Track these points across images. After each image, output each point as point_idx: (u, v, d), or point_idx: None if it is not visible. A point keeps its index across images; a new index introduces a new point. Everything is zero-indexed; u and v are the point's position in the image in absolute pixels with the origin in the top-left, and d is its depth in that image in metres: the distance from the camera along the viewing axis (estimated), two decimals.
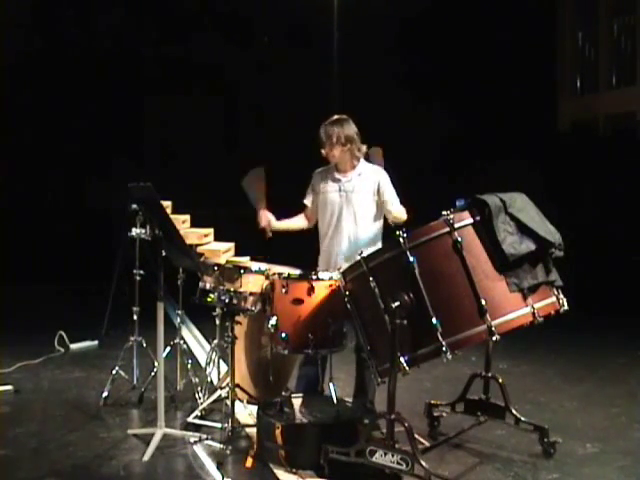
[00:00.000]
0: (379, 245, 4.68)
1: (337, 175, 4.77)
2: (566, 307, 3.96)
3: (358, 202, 4.69)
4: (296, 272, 4.47)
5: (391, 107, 12.25)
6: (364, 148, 4.76)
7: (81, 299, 9.04)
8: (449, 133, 12.50)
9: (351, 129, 4.70)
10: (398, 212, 4.67)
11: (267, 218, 4.81)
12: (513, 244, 3.70)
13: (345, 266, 4.31)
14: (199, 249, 5.11)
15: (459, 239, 3.68)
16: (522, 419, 4.34)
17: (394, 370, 3.67)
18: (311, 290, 4.26)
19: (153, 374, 5.20)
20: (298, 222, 4.96)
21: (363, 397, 4.71)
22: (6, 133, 10.71)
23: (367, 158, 4.84)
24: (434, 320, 3.64)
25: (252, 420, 4.75)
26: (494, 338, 3.65)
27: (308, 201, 4.92)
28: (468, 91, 12.48)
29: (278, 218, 4.87)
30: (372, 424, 4.16)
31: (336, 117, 4.75)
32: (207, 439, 4.47)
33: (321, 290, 4.27)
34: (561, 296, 3.96)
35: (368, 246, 4.51)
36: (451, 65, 12.61)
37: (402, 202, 4.75)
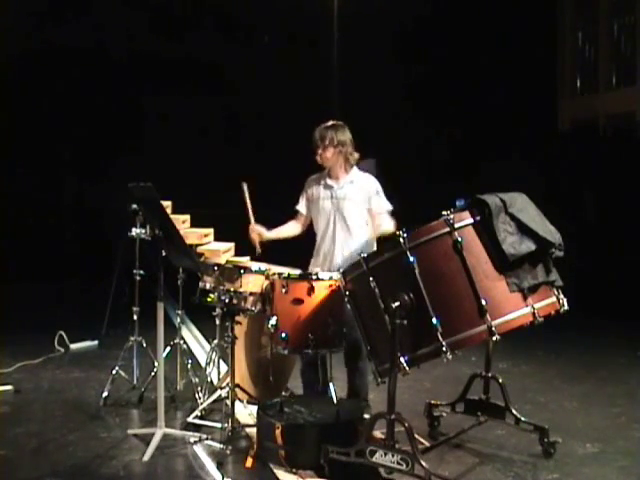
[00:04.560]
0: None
1: (329, 182, 4.78)
2: (566, 307, 3.96)
3: (349, 209, 4.70)
4: (296, 272, 4.47)
5: (391, 107, 12.25)
6: (356, 155, 4.76)
7: (81, 299, 9.04)
8: (449, 133, 12.49)
9: (345, 135, 4.72)
10: (384, 229, 4.60)
11: (257, 230, 4.82)
12: (513, 244, 3.70)
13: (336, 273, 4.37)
14: (199, 249, 5.11)
15: (459, 239, 3.68)
16: (522, 419, 4.34)
17: (394, 370, 3.67)
18: (311, 290, 4.26)
19: (153, 374, 5.21)
20: (290, 230, 4.98)
21: (356, 398, 4.72)
22: (6, 133, 10.70)
23: (360, 167, 4.82)
24: (434, 320, 3.64)
25: (252, 420, 4.75)
26: (494, 338, 3.65)
27: (300, 207, 4.94)
28: (468, 91, 12.47)
29: (271, 227, 4.90)
30: (371, 422, 4.13)
31: (332, 122, 4.78)
32: (207, 439, 4.47)
33: (321, 290, 4.28)
34: (561, 296, 3.96)
35: (360, 253, 4.54)
36: (451, 65, 12.60)
37: (401, 203, 4.74)
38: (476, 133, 12.28)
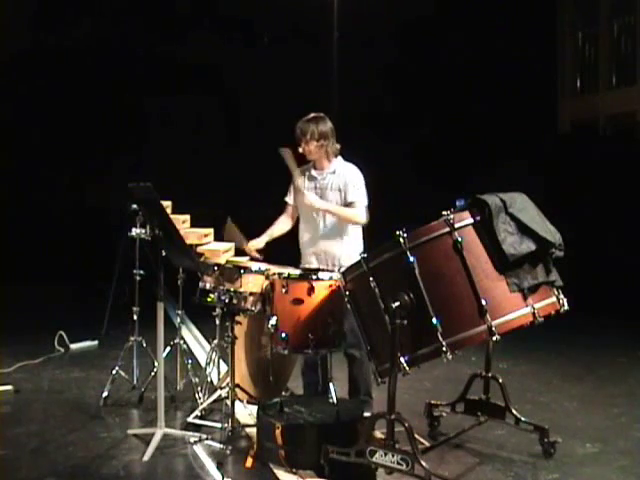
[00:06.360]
0: (353, 245, 4.69)
1: (314, 173, 4.82)
2: (566, 307, 3.96)
3: (329, 199, 4.73)
4: (296, 272, 4.47)
5: (390, 106, 12.25)
6: (338, 146, 4.78)
7: (81, 299, 9.03)
8: (449, 134, 12.49)
9: (326, 126, 4.73)
10: (350, 214, 4.65)
11: (254, 249, 4.87)
12: (513, 244, 3.70)
13: (314, 262, 4.57)
14: (199, 249, 5.11)
15: (459, 239, 3.68)
16: (522, 419, 4.34)
17: (394, 370, 3.66)
18: (311, 290, 4.26)
19: (153, 374, 5.20)
20: (281, 227, 5.00)
21: (357, 394, 4.73)
22: (6, 133, 10.71)
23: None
24: (434, 320, 3.64)
25: (252, 420, 4.75)
26: (494, 338, 3.65)
27: (289, 199, 4.97)
28: (468, 91, 12.48)
29: (265, 228, 4.92)
30: (372, 419, 4.10)
31: (312, 115, 4.79)
32: (207, 439, 4.47)
33: (321, 290, 4.28)
34: (561, 296, 3.96)
35: (336, 245, 4.65)
36: (451, 65, 12.61)
37: (401, 202, 4.74)
38: (476, 133, 12.28)
